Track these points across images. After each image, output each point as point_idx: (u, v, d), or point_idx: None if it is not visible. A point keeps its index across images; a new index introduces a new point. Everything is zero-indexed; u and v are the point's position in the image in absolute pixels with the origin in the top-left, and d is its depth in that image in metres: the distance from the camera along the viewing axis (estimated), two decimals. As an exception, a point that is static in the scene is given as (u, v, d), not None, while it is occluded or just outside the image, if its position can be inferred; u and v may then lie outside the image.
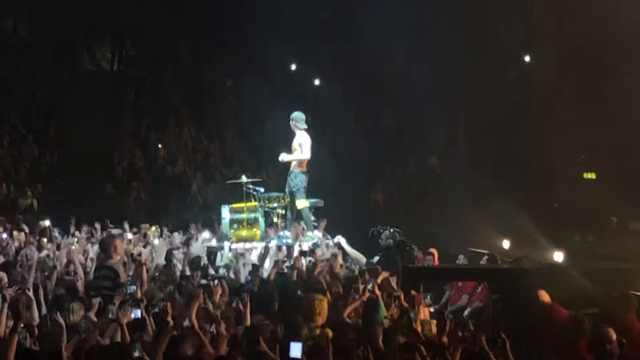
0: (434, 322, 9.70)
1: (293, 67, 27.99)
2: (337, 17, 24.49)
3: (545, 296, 10.49)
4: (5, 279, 11.61)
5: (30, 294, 10.11)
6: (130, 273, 12.17)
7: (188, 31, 27.49)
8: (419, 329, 9.50)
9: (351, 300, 10.42)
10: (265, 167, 22.18)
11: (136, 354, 7.76)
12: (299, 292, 11.34)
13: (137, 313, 9.06)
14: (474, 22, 24.57)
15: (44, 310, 10.57)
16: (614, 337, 8.70)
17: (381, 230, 15.17)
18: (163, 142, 24.74)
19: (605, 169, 21.19)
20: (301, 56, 27.30)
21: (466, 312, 13.97)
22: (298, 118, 15.99)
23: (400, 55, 25.41)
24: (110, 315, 8.83)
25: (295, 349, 7.63)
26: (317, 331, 9.02)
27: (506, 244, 16.18)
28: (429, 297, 12.43)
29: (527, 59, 26.08)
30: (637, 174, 19.58)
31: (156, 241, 16.53)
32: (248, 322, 9.34)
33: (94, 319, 9.28)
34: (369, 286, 10.59)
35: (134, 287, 10.36)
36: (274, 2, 26.13)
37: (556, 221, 18.39)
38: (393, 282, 11.95)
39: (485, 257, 14.78)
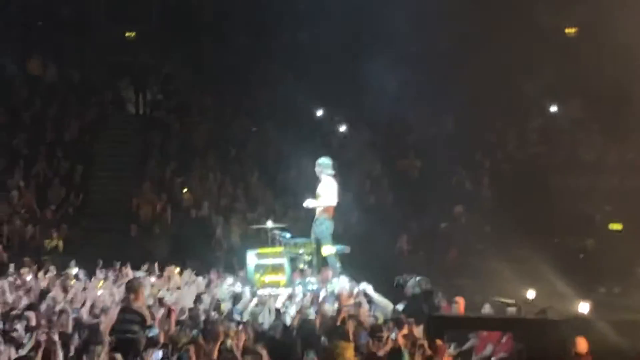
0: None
1: (319, 112, 28.07)
2: (361, 62, 24.61)
3: (582, 344, 10.43)
4: (34, 320, 11.67)
5: (56, 337, 10.11)
6: (156, 316, 12.18)
7: (213, 76, 27.67)
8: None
9: (374, 349, 10.42)
10: (290, 212, 22.20)
11: None
12: (322, 338, 11.31)
13: (158, 355, 9.08)
14: (499, 69, 24.70)
15: (70, 352, 10.59)
16: None
17: (407, 279, 15.17)
18: (188, 185, 24.83)
19: (632, 219, 21.06)
20: (326, 101, 27.41)
21: (493, 361, 13.87)
22: (324, 164, 16.03)
23: (426, 100, 25.67)
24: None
25: None
26: None
27: (531, 294, 16.06)
28: (452, 346, 12.41)
29: (552, 109, 26.15)
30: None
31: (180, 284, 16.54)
32: None
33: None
34: (392, 335, 10.59)
35: (157, 331, 10.41)
36: (299, 47, 26.42)
37: (582, 272, 18.25)
38: (417, 331, 11.90)
39: (511, 307, 14.69)
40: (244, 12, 27.81)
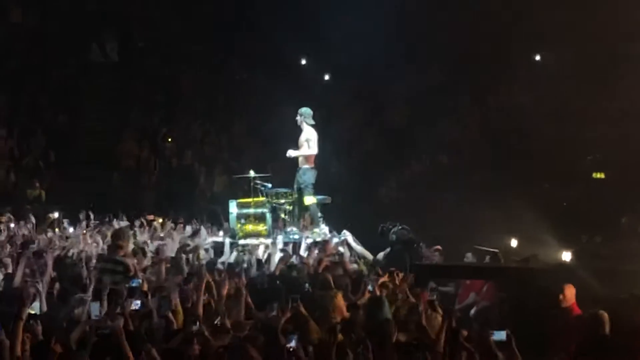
0: (439, 316, 9.64)
1: (303, 61, 27.87)
2: (349, 13, 24.37)
3: (569, 292, 10.47)
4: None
5: (40, 286, 10.09)
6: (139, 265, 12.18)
7: (201, 24, 27.36)
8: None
9: (355, 298, 10.47)
10: (272, 161, 22.14)
11: None
12: (307, 286, 11.34)
13: (137, 304, 9.11)
14: (486, 20, 24.54)
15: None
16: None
17: (390, 227, 15.17)
18: (172, 134, 24.70)
19: (616, 169, 21.09)
20: (312, 50, 27.23)
21: (473, 311, 13.90)
22: (306, 114, 16.02)
23: (412, 52, 25.53)
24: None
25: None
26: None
27: (514, 242, 16.10)
28: (435, 295, 12.43)
29: (537, 57, 26.04)
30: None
31: (162, 234, 16.55)
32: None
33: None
34: (369, 287, 10.64)
35: (140, 281, 10.43)
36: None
37: (565, 220, 18.28)
38: (399, 279, 11.89)
39: (488, 256, 14.75)
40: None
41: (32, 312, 9.06)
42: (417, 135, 24.35)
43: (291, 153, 15.98)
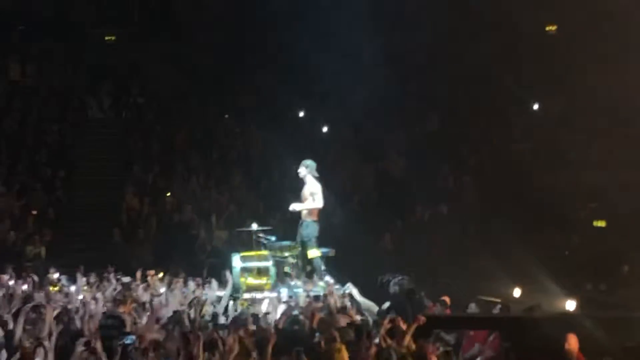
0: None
1: (301, 113, 27.95)
2: (342, 61, 24.51)
3: (573, 341, 10.41)
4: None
5: (47, 344, 10.05)
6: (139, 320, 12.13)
7: (196, 78, 27.50)
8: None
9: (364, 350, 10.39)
10: (274, 214, 22.08)
11: None
12: (316, 338, 11.24)
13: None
14: (481, 67, 24.74)
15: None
16: None
17: (390, 279, 15.12)
18: (171, 189, 24.68)
19: (616, 216, 21.12)
20: (309, 102, 27.32)
21: (479, 361, 13.79)
22: (311, 166, 15.94)
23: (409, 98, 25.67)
24: None
25: None
26: None
27: (517, 292, 16.06)
28: (440, 347, 12.33)
29: (535, 106, 26.20)
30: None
31: (162, 289, 16.43)
32: None
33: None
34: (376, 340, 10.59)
35: (134, 337, 10.39)
36: (280, 47, 26.29)
37: (567, 269, 18.27)
38: (403, 327, 11.80)
39: (498, 306, 14.66)
40: (226, 12, 27.66)
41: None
42: (415, 184, 24.37)
43: (295, 207, 15.90)
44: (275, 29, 26.13)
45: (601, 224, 21.74)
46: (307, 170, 15.97)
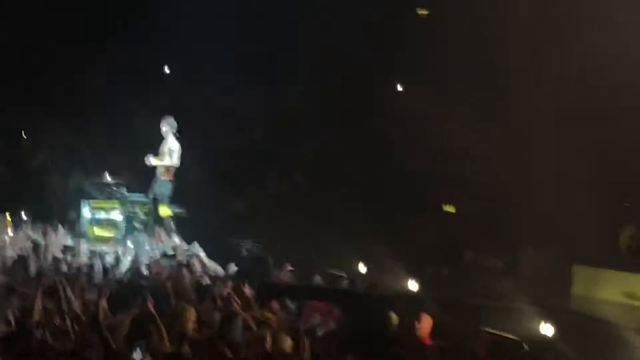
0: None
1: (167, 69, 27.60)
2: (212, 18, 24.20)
3: (425, 321, 10.64)
4: None
5: None
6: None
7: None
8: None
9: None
10: (128, 167, 21.78)
11: None
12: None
13: None
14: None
15: None
16: None
17: (241, 243, 15.20)
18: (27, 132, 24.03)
19: (466, 203, 21.65)
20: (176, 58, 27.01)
21: (319, 332, 13.98)
22: (172, 124, 15.86)
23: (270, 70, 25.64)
24: None
25: None
26: None
27: (363, 268, 16.33)
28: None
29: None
30: (495, 210, 20.06)
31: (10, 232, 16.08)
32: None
33: None
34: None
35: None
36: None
37: (414, 251, 18.64)
38: (248, 292, 11.92)
39: (345, 281, 14.90)
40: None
41: None
42: (275, 153, 24.42)
43: (152, 161, 15.76)
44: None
45: (450, 209, 22.26)
46: (168, 127, 15.89)
